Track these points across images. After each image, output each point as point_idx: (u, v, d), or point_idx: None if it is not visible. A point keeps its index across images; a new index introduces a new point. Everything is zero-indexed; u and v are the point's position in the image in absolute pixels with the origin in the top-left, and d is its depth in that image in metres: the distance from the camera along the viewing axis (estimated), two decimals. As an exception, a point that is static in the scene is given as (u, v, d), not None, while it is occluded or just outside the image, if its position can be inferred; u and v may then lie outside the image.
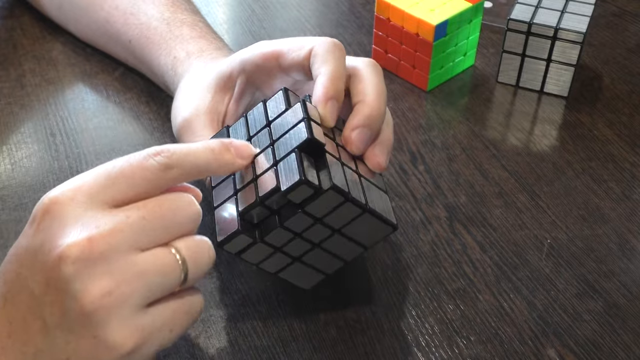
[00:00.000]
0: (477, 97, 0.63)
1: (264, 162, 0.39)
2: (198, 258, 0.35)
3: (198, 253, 0.35)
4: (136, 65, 0.60)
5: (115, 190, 0.33)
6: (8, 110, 0.59)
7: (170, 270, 0.33)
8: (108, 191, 0.33)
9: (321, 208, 0.38)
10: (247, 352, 0.42)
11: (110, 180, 0.33)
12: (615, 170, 0.55)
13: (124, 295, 0.32)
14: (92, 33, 0.63)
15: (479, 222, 0.50)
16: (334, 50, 0.42)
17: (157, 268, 0.33)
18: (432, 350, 0.42)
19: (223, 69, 0.47)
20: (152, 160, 0.34)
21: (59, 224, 0.32)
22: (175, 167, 0.34)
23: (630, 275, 0.47)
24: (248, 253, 0.39)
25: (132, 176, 0.33)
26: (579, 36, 0.58)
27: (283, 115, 0.40)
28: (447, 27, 0.59)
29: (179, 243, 0.34)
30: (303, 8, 0.74)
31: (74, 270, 0.31)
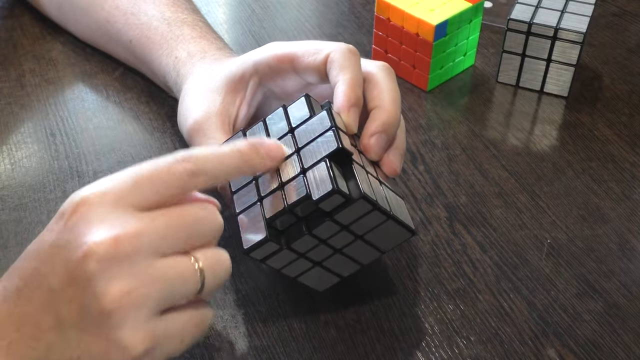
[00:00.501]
0: (477, 97, 0.63)
1: (290, 169, 0.39)
2: (216, 269, 0.35)
3: (216, 264, 0.35)
4: (137, 65, 0.60)
5: (142, 194, 0.34)
6: (8, 110, 0.59)
7: (189, 278, 0.34)
8: (135, 195, 0.33)
9: (349, 216, 0.38)
10: (247, 352, 0.42)
11: (138, 185, 0.34)
12: (615, 170, 0.55)
13: (143, 298, 0.32)
14: (92, 33, 0.63)
15: (479, 222, 0.50)
16: (350, 57, 0.43)
17: (177, 274, 0.33)
18: (432, 350, 0.42)
19: (233, 71, 0.47)
20: (179, 166, 0.34)
21: (86, 223, 0.33)
22: (202, 174, 0.35)
23: (630, 275, 0.47)
24: (273, 259, 0.39)
25: (159, 181, 0.34)
26: (579, 36, 0.58)
27: (308, 123, 0.40)
28: (447, 27, 0.59)
29: (198, 253, 0.35)
30: (303, 8, 0.74)
31: (98, 268, 0.32)
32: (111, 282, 0.32)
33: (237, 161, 0.36)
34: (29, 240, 0.48)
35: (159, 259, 0.33)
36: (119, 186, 0.34)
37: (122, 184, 0.34)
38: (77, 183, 0.52)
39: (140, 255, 0.32)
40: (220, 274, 0.35)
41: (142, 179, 0.34)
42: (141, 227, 0.33)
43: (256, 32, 0.70)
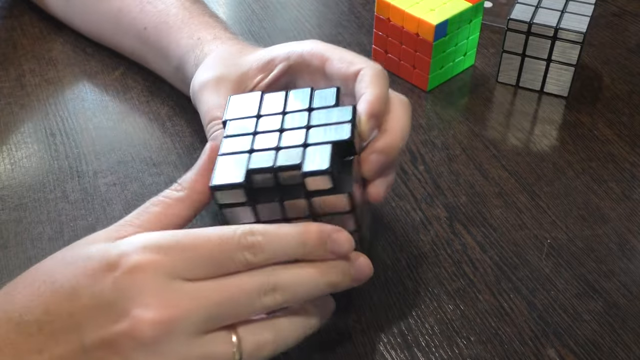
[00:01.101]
0: (477, 97, 0.63)
1: (293, 139, 0.38)
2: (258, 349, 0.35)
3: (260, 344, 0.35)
4: (144, 53, 0.60)
5: (197, 269, 0.34)
6: (8, 110, 0.59)
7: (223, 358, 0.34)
8: (190, 269, 0.33)
9: (325, 205, 0.38)
10: (247, 352, 0.42)
11: (195, 261, 0.34)
12: (615, 170, 0.55)
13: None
14: (100, 25, 0.63)
15: (479, 222, 0.50)
16: (381, 77, 0.42)
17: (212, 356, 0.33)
18: (432, 350, 0.42)
19: (264, 54, 0.47)
20: (241, 255, 0.34)
21: (138, 291, 0.32)
22: (260, 264, 0.35)
23: (630, 275, 0.47)
24: (232, 210, 0.38)
25: (218, 262, 0.34)
26: (579, 36, 0.58)
27: (329, 109, 0.40)
28: (447, 27, 0.59)
29: (243, 330, 0.34)
30: (303, 8, 0.74)
31: (139, 344, 0.32)
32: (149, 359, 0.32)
33: (298, 251, 0.36)
34: (29, 240, 0.48)
35: (199, 338, 0.33)
36: (176, 256, 0.33)
37: (180, 254, 0.33)
38: (77, 183, 0.52)
39: (183, 335, 0.32)
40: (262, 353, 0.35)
41: (201, 254, 0.34)
42: (191, 306, 0.33)
43: (256, 32, 0.70)
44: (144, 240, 0.34)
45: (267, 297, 0.34)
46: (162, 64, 0.58)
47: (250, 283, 0.34)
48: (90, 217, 0.50)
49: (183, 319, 0.32)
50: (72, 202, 0.51)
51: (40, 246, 0.48)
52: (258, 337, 0.35)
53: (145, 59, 0.60)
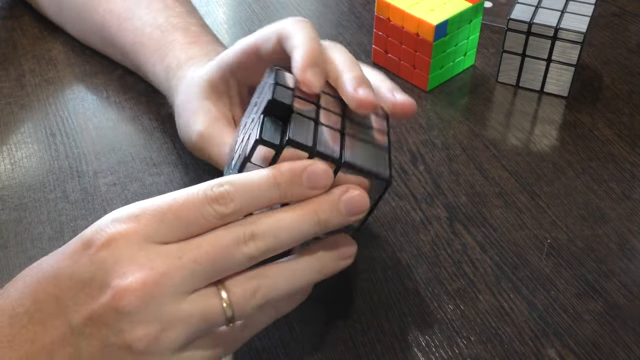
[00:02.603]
0: (477, 97, 0.63)
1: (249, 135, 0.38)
2: (248, 298, 0.34)
3: (249, 293, 0.34)
4: (133, 69, 0.60)
5: (169, 231, 0.33)
6: (8, 110, 0.59)
7: (215, 316, 0.33)
8: (161, 232, 0.33)
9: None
10: (247, 353, 0.42)
11: (165, 222, 0.33)
12: (615, 170, 0.55)
13: (168, 340, 0.33)
14: (89, 36, 0.63)
15: (479, 222, 0.50)
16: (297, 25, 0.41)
17: (202, 314, 0.33)
18: (432, 350, 0.42)
19: (213, 76, 0.47)
20: (210, 208, 0.33)
21: (114, 261, 0.32)
22: (233, 215, 0.34)
23: (630, 275, 0.47)
24: None
25: (187, 220, 0.33)
26: (579, 36, 0.58)
27: (263, 90, 0.40)
28: (447, 27, 0.59)
29: (229, 282, 0.34)
30: (303, 8, 0.74)
31: (125, 312, 0.32)
32: (137, 325, 0.32)
33: (272, 195, 0.34)
34: (29, 240, 0.48)
35: (185, 298, 0.33)
36: (146, 223, 0.33)
37: (148, 221, 0.33)
38: (77, 183, 0.52)
39: (166, 296, 0.32)
40: (253, 302, 0.34)
41: (171, 216, 0.33)
42: (168, 267, 0.32)
43: (256, 32, 0.70)
44: (113, 214, 0.34)
45: (248, 247, 0.33)
46: (148, 79, 0.58)
47: (225, 235, 0.33)
48: (90, 217, 0.50)
49: (163, 280, 0.32)
50: (72, 202, 0.51)
51: (40, 246, 0.48)
52: (245, 286, 0.34)
53: (135, 71, 0.61)
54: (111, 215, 0.34)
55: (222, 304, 0.33)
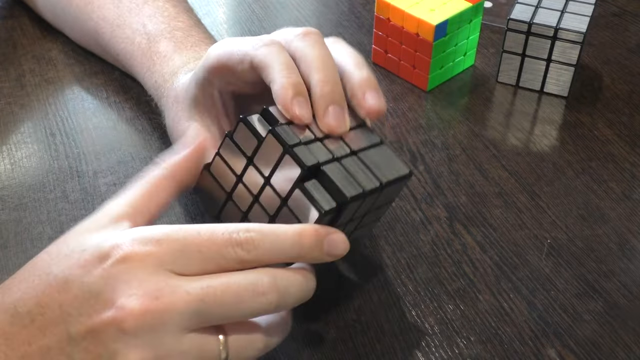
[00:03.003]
0: (477, 97, 0.63)
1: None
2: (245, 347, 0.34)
3: (246, 346, 0.35)
4: (128, 73, 0.60)
5: (186, 263, 0.33)
6: (8, 110, 0.59)
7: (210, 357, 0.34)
8: (178, 262, 0.33)
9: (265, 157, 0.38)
10: (247, 352, 0.42)
11: (185, 253, 0.33)
12: (615, 170, 0.55)
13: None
14: (86, 40, 0.63)
15: (479, 222, 0.50)
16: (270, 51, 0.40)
17: (198, 354, 0.33)
18: (432, 350, 0.42)
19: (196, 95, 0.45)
20: (232, 250, 0.33)
21: (124, 280, 0.32)
22: (253, 262, 0.34)
23: (630, 275, 0.47)
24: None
25: (207, 256, 0.33)
26: (579, 36, 0.58)
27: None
28: (447, 27, 0.59)
29: (231, 331, 0.34)
30: (303, 8, 0.74)
31: (122, 334, 0.32)
32: (133, 349, 0.32)
33: (294, 252, 0.35)
34: (29, 240, 0.48)
35: (185, 334, 0.33)
36: (165, 249, 0.33)
37: (168, 247, 0.33)
38: (77, 183, 0.52)
39: (167, 328, 0.32)
40: (249, 352, 0.35)
41: (191, 249, 0.33)
42: (176, 300, 0.32)
43: (256, 32, 0.70)
44: (136, 232, 0.34)
45: (265, 298, 0.34)
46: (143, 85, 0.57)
47: (241, 282, 0.33)
48: (90, 217, 0.50)
49: (166, 312, 0.32)
50: (72, 202, 0.51)
51: (40, 246, 0.48)
52: (244, 336, 0.34)
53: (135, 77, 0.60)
54: (133, 232, 0.34)
55: (219, 347, 0.34)
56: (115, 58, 0.59)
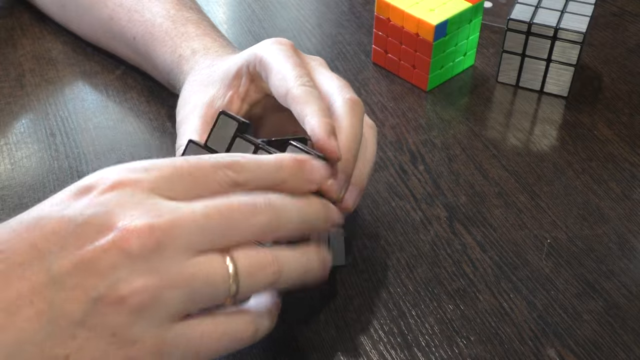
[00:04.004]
0: (477, 97, 0.63)
1: None
2: (255, 274, 0.32)
3: (257, 269, 0.32)
4: (139, 62, 0.60)
5: (180, 187, 0.32)
6: (8, 110, 0.59)
7: (218, 284, 0.31)
8: (172, 186, 0.31)
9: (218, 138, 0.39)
10: (247, 352, 0.42)
11: (177, 177, 0.32)
12: (615, 170, 0.55)
13: (165, 300, 0.30)
14: (95, 31, 0.63)
15: (479, 222, 0.50)
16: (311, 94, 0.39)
17: (205, 279, 0.31)
18: (432, 350, 0.42)
19: (231, 66, 0.47)
20: (222, 173, 0.33)
21: (118, 204, 0.30)
22: (244, 185, 0.33)
23: (630, 275, 0.47)
24: None
25: (198, 181, 0.32)
26: (579, 36, 0.58)
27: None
28: (447, 27, 0.59)
29: (239, 252, 0.32)
30: (303, 8, 0.74)
31: (125, 258, 0.29)
32: (135, 276, 0.29)
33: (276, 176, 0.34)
34: (29, 240, 0.48)
35: (190, 257, 0.30)
36: (157, 173, 0.31)
37: (160, 171, 0.31)
38: (77, 183, 0.52)
39: (172, 249, 0.30)
40: (259, 279, 0.32)
41: (182, 173, 0.32)
42: (178, 217, 0.30)
43: (256, 32, 0.70)
44: (117, 166, 0.32)
45: (264, 216, 0.32)
46: (154, 72, 0.59)
47: (241, 200, 0.32)
48: (90, 217, 0.50)
49: (171, 229, 0.30)
50: (72, 202, 0.51)
51: (40, 246, 0.48)
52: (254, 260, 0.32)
53: (139, 66, 0.61)
54: (116, 166, 0.32)
55: (228, 272, 0.31)
56: (129, 43, 0.59)
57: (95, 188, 0.30)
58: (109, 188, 0.30)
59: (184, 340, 0.31)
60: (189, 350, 0.31)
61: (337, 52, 0.67)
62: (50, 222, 0.29)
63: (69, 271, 0.29)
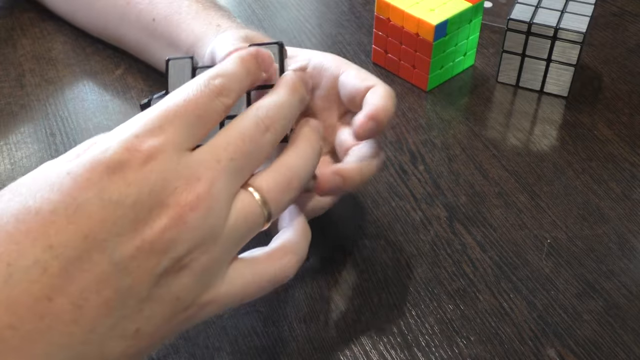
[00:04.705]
0: (477, 97, 0.63)
1: None
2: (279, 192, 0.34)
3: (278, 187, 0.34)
4: (150, 44, 0.59)
5: (193, 134, 0.32)
6: (8, 110, 0.59)
7: (256, 218, 0.33)
8: (188, 137, 0.32)
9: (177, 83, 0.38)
10: (247, 352, 0.42)
11: (190, 126, 0.32)
12: (615, 170, 0.55)
13: (220, 256, 0.31)
14: (105, 17, 0.63)
15: (479, 222, 0.50)
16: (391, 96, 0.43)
17: (245, 220, 0.33)
18: (432, 350, 0.42)
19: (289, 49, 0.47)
20: (218, 102, 0.33)
21: (160, 178, 0.30)
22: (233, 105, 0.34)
23: (630, 275, 0.47)
24: None
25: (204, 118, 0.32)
26: (579, 36, 0.58)
27: None
28: (447, 27, 0.59)
29: (258, 181, 0.34)
30: (303, 8, 0.74)
31: (186, 232, 0.30)
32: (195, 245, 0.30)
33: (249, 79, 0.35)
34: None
35: (230, 205, 0.32)
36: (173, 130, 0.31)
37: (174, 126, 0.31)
38: (77, 183, 0.52)
39: (217, 208, 0.31)
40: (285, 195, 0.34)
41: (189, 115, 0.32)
42: (213, 173, 0.31)
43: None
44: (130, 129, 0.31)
45: (269, 132, 0.34)
46: (168, 50, 0.58)
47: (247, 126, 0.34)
48: (90, 217, 0.50)
49: (212, 188, 0.31)
50: (72, 202, 0.51)
51: (40, 246, 0.48)
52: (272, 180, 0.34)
53: (149, 51, 0.60)
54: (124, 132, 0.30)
55: (258, 203, 0.33)
56: (146, 24, 0.58)
57: (128, 163, 0.29)
58: (144, 161, 0.29)
59: (232, 288, 0.33)
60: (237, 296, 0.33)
61: (337, 52, 0.67)
62: (95, 209, 0.28)
63: (132, 255, 0.29)
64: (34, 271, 0.27)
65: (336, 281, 0.46)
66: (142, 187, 0.29)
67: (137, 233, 0.29)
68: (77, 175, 0.29)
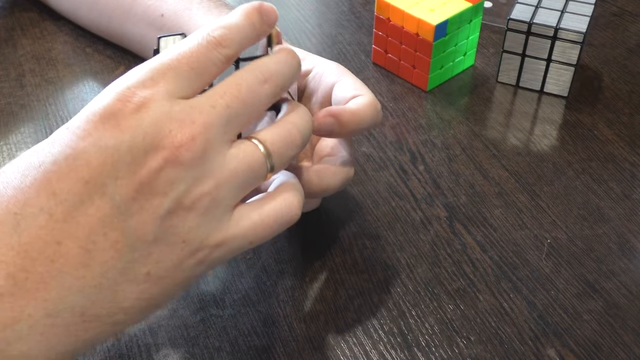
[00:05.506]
0: (477, 97, 0.63)
1: None
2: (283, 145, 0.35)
3: (282, 139, 0.35)
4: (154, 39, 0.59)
5: (188, 84, 0.32)
6: (8, 110, 0.59)
7: (259, 166, 0.34)
8: (181, 86, 0.32)
9: None
10: (247, 352, 0.42)
11: (182, 76, 0.32)
12: (615, 170, 0.55)
13: (222, 197, 0.32)
14: (109, 14, 0.63)
15: (479, 222, 0.50)
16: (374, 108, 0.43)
17: (248, 166, 0.33)
18: (432, 350, 0.42)
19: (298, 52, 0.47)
20: (216, 53, 0.33)
21: (153, 122, 0.30)
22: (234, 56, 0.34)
23: (630, 275, 0.47)
24: None
25: (200, 69, 0.33)
26: (579, 36, 0.58)
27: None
28: (447, 27, 0.59)
29: (262, 134, 0.34)
30: (303, 8, 0.74)
31: (181, 171, 0.30)
32: (194, 185, 0.31)
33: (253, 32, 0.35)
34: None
35: (228, 150, 0.32)
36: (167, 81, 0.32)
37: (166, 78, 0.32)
38: (77, 183, 0.52)
39: (213, 149, 0.32)
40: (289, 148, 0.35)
41: (182, 67, 0.32)
42: (207, 118, 0.32)
43: (256, 32, 0.70)
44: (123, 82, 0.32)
45: (268, 84, 0.34)
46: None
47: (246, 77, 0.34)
48: (90, 217, 0.50)
49: (207, 131, 0.31)
50: (72, 202, 0.51)
51: (40, 246, 0.48)
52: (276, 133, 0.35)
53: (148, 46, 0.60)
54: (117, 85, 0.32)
55: (262, 153, 0.34)
56: (153, 20, 0.58)
57: (121, 112, 0.30)
58: (135, 110, 0.31)
59: (240, 229, 0.33)
60: (246, 237, 0.34)
61: (337, 52, 0.67)
62: (93, 156, 0.30)
63: (132, 197, 0.30)
64: (40, 217, 0.29)
65: (336, 281, 0.46)
66: (136, 131, 0.30)
67: (135, 175, 0.30)
68: (74, 127, 0.30)
